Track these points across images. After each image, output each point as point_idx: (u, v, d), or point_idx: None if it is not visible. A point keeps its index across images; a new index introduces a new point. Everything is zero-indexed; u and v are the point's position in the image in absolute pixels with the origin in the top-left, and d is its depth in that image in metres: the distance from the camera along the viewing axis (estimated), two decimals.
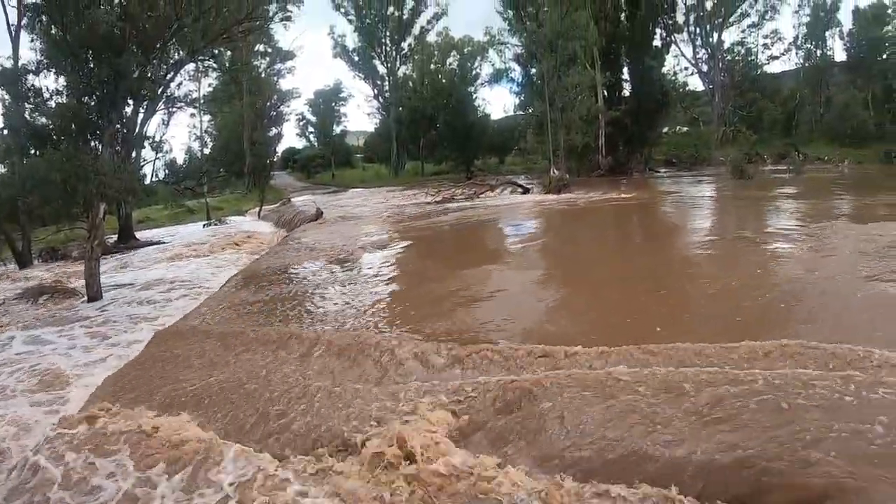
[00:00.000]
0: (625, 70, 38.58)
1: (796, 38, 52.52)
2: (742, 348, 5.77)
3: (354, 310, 8.95)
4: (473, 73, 49.08)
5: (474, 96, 48.08)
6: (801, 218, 18.10)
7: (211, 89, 38.98)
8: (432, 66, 48.97)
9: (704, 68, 46.60)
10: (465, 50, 49.03)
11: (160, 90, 19.38)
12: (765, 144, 43.23)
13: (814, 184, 29.74)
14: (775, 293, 8.55)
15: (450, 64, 49.43)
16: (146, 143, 21.75)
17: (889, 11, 52.97)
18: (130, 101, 17.03)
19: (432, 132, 45.35)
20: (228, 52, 33.37)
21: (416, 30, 51.31)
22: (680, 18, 46.26)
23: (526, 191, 27.89)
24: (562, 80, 31.56)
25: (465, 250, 14.88)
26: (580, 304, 8.69)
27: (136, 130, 19.04)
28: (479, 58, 48.55)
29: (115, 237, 20.82)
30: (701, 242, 13.82)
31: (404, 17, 50.44)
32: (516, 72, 42.61)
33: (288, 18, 30.53)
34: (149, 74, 16.95)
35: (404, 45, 51.48)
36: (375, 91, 53.04)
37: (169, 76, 19.78)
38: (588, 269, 11.51)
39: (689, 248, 13.36)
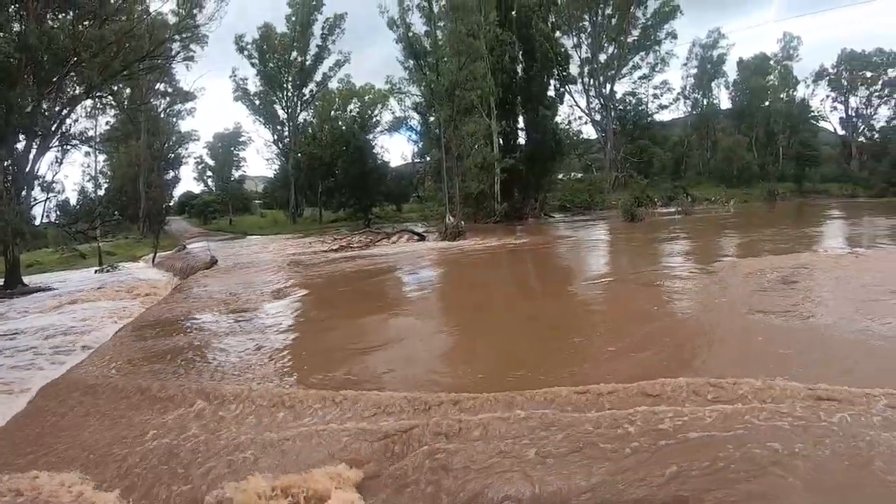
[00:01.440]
0: (520, 119, 40.12)
1: (684, 88, 57.42)
2: (594, 389, 6.27)
3: (246, 361, 8.89)
4: (373, 120, 49.84)
5: (373, 144, 48.76)
6: (690, 257, 19.41)
7: (108, 127, 37.90)
8: (333, 113, 49.42)
9: (598, 117, 49.60)
10: (366, 98, 49.82)
11: (54, 126, 18.75)
12: (655, 188, 45.74)
13: (702, 223, 32.00)
14: (665, 333, 9.16)
15: (350, 111, 50.01)
16: (37, 183, 20.67)
17: (771, 63, 58.44)
18: (22, 137, 16.50)
19: (331, 179, 45.59)
20: (127, 90, 32.71)
21: (318, 76, 52.04)
22: (574, 71, 49.75)
23: (422, 238, 28.26)
24: (459, 129, 32.48)
25: (361, 298, 14.77)
26: (472, 351, 8.94)
27: (27, 168, 18.22)
28: (379, 105, 49.51)
29: (0, 281, 19.81)
30: (592, 285, 14.52)
31: (307, 62, 50.97)
32: (415, 120, 44.04)
33: (190, 59, 30.42)
34: (43, 109, 16.54)
35: (306, 90, 51.96)
36: (275, 136, 52.92)
37: (64, 112, 19.25)
38: (482, 315, 11.78)
39: (580, 292, 13.85)
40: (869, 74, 61.51)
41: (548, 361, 7.88)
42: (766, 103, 57.61)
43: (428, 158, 39.80)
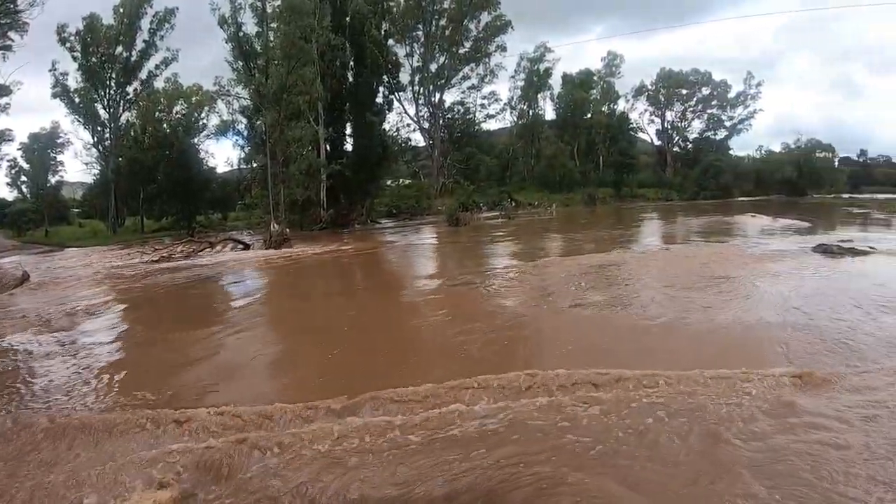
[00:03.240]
0: (349, 125, 40.92)
1: (511, 99, 61.43)
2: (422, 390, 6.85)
3: (58, 385, 8.42)
4: (200, 123, 48.79)
5: (199, 148, 47.74)
6: (513, 257, 21.10)
7: None
8: (157, 114, 47.71)
9: (426, 125, 51.61)
10: (193, 99, 48.70)
11: None
12: (481, 193, 48.65)
13: (525, 226, 34.61)
14: (492, 331, 9.90)
15: (176, 113, 48.59)
16: None
17: (595, 78, 64.09)
18: None
19: (153, 185, 43.69)
20: None
21: (143, 74, 48.99)
22: (406, 79, 51.62)
23: (247, 247, 27.96)
24: (285, 134, 32.53)
25: (183, 312, 14.55)
26: (297, 361, 9.15)
27: None
28: (206, 108, 48.46)
29: None
30: (417, 289, 15.33)
31: (132, 58, 48.13)
32: (242, 124, 43.38)
33: (7, 48, 27.81)
34: None
35: (130, 89, 48.71)
36: (95, 138, 49.15)
37: None
38: (307, 324, 11.98)
39: (405, 297, 14.64)
40: (685, 92, 69.81)
41: (371, 366, 8.34)
42: (589, 115, 63.48)
43: (254, 164, 39.64)
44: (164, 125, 47.12)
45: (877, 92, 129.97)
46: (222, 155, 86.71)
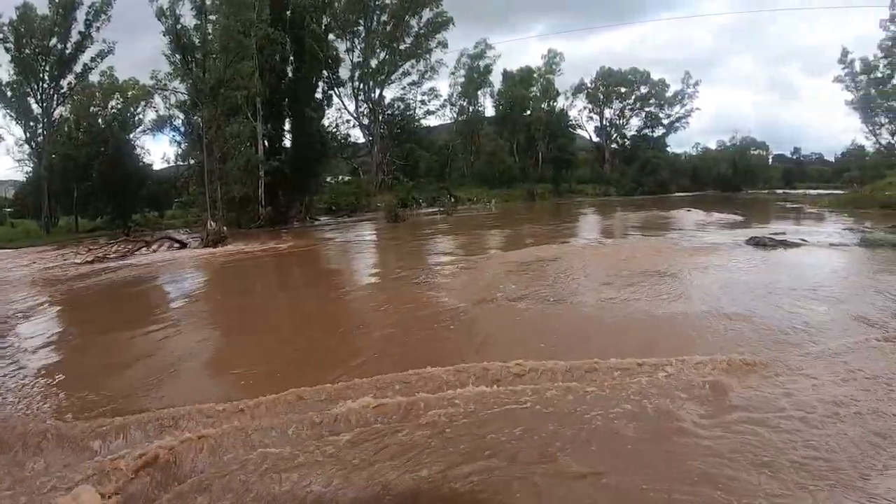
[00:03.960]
0: (288, 121, 40.81)
1: (451, 95, 62.53)
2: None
3: None
4: (136, 118, 47.81)
5: (135, 144, 46.70)
6: (451, 253, 21.23)
7: None
8: (92, 109, 46.46)
9: (366, 121, 52.17)
10: (129, 93, 47.55)
11: None
12: (421, 190, 49.70)
13: (464, 222, 35.30)
14: (429, 327, 10.04)
15: (112, 108, 47.38)
16: None
17: (535, 76, 65.76)
18: None
19: (87, 183, 42.47)
20: None
21: (78, 67, 47.29)
22: (346, 75, 51.92)
23: (183, 245, 27.43)
24: (222, 130, 32.37)
25: (118, 313, 14.02)
26: (236, 360, 8.95)
27: None
28: (143, 103, 47.45)
29: None
30: (356, 286, 15.64)
31: (67, 51, 46.44)
32: (180, 119, 42.85)
33: None
34: None
35: (64, 82, 47.09)
36: (28, 134, 47.50)
37: None
38: (245, 322, 11.92)
39: (343, 294, 14.64)
40: (623, 90, 72.18)
41: (309, 361, 8.50)
42: (528, 112, 65.15)
43: (192, 161, 38.77)
44: (100, 120, 45.92)
45: (811, 93, 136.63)
46: (158, 151, 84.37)
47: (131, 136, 46.80)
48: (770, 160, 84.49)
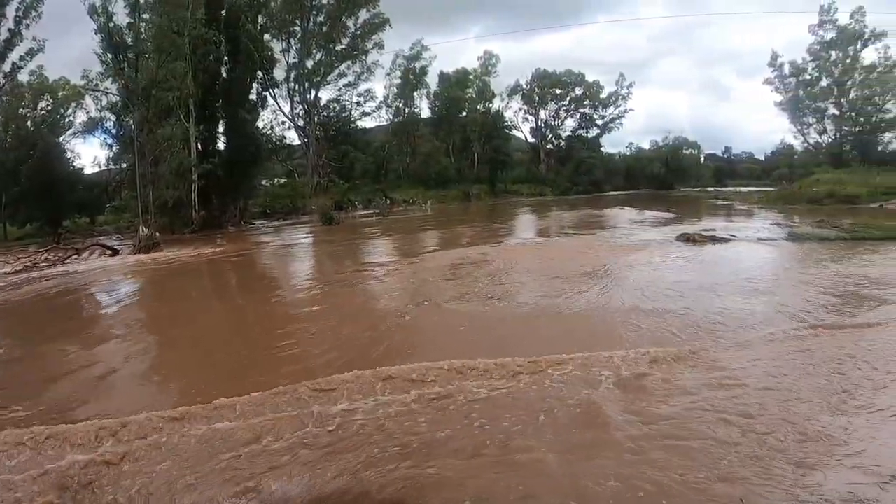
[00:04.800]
0: (222, 123, 40.28)
1: (387, 97, 63.11)
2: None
3: None
4: (66, 120, 46.63)
5: (65, 148, 45.34)
6: (390, 254, 21.81)
7: None
8: (22, 111, 44.86)
9: (301, 123, 52.26)
10: (60, 94, 46.33)
11: None
12: (357, 191, 50.48)
13: (401, 223, 35.85)
14: (368, 329, 10.28)
15: (41, 109, 45.97)
16: None
17: (471, 77, 67.21)
18: None
19: (15, 189, 40.34)
20: None
21: (6, 66, 45.86)
22: (281, 75, 51.65)
23: (115, 252, 26.50)
24: (154, 132, 32.07)
25: (48, 324, 13.52)
26: (167, 370, 9.07)
27: None
28: (74, 104, 46.43)
29: None
30: (293, 290, 15.70)
31: None
32: (112, 121, 41.83)
33: None
34: None
35: None
36: None
37: None
38: (178, 330, 11.84)
39: (281, 298, 14.71)
40: (558, 91, 74.28)
41: (245, 369, 8.52)
42: (464, 113, 66.85)
43: (124, 165, 38.47)
44: (28, 123, 44.60)
45: (742, 94, 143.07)
46: (89, 155, 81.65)
47: (61, 138, 45.67)
48: (702, 159, 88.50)
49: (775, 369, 7.58)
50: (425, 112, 68.16)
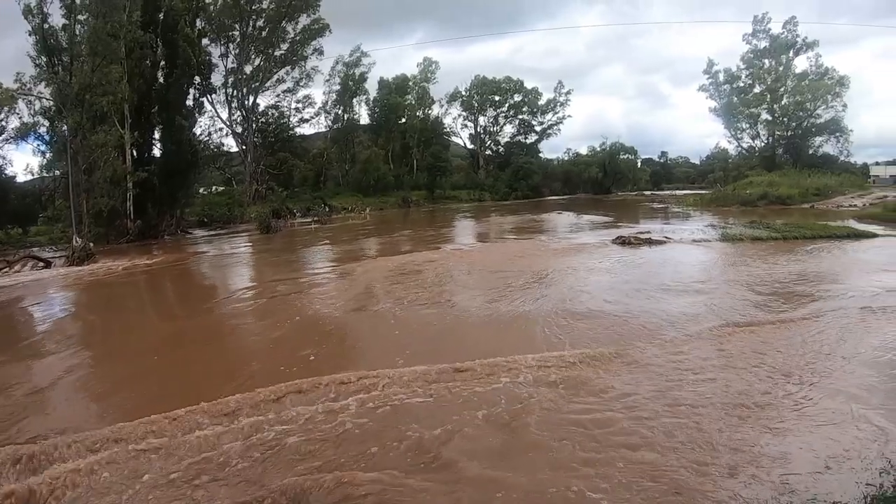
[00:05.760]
0: (158, 129, 39.22)
1: (326, 103, 63.69)
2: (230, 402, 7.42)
3: None
4: None
5: None
6: (328, 262, 22.04)
7: None
8: None
9: (239, 129, 52.37)
10: None
11: None
12: (295, 199, 50.29)
13: (339, 231, 36.29)
14: (302, 339, 10.55)
15: None
16: None
17: (410, 84, 68.38)
18: None
19: None
20: None
21: None
22: (218, 80, 51.44)
23: (48, 265, 25.89)
24: (88, 139, 31.37)
25: None
26: (101, 387, 9.02)
27: None
28: (7, 108, 42.43)
29: None
30: (233, 300, 15.59)
31: None
32: (45, 127, 39.05)
33: None
34: None
35: None
36: None
37: None
38: (112, 345, 11.76)
39: (219, 309, 14.81)
40: (497, 98, 76.30)
41: (189, 380, 8.79)
42: (404, 120, 67.95)
43: (57, 173, 37.17)
44: None
45: (678, 100, 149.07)
46: (21, 162, 78.75)
47: None
48: (639, 163, 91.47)
49: (696, 366, 8.42)
50: (364, 119, 69.11)
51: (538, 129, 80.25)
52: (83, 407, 8.24)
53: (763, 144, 65.02)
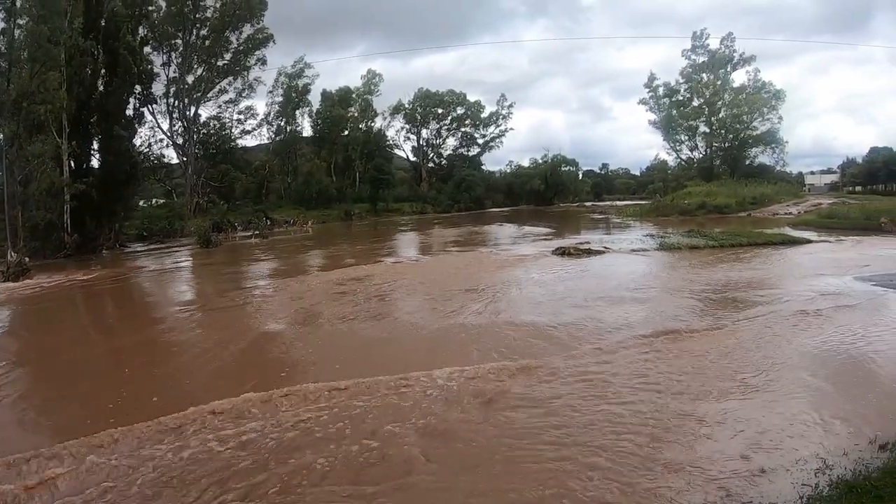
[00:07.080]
0: (96, 140, 38.38)
1: (269, 114, 64.00)
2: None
3: None
4: None
5: None
6: (268, 277, 21.99)
7: None
8: None
9: (180, 140, 52.03)
10: None
11: None
12: (237, 212, 50.49)
13: (281, 244, 36.22)
14: (238, 356, 10.59)
15: None
16: None
17: (353, 96, 69.10)
18: None
19: None
20: None
21: None
22: (159, 90, 50.45)
23: None
24: (24, 149, 30.66)
25: None
26: (43, 405, 8.85)
27: None
28: None
29: None
30: (165, 317, 15.58)
31: None
32: None
33: None
34: None
35: None
36: None
37: None
38: (50, 365, 11.39)
39: (160, 325, 14.60)
40: (440, 111, 77.61)
41: (133, 396, 8.66)
42: (346, 132, 68.46)
43: None
44: None
45: (619, 113, 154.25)
46: None
47: None
48: (580, 175, 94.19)
49: (623, 372, 8.58)
50: (307, 131, 69.46)
51: (481, 141, 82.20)
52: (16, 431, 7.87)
53: (701, 156, 68.37)
